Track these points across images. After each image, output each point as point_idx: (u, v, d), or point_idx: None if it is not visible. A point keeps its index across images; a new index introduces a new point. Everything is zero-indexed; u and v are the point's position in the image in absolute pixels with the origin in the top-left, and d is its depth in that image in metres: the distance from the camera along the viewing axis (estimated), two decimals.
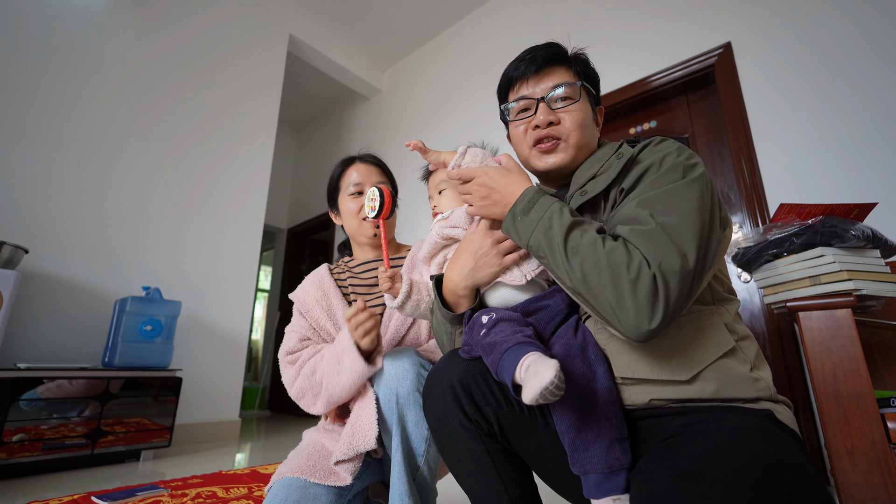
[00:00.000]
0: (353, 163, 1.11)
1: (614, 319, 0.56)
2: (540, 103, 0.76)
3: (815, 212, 1.00)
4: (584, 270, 0.57)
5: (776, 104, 1.89)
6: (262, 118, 3.13)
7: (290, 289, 4.53)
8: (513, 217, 0.66)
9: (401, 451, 0.79)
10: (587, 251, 0.57)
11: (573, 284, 0.59)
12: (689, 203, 0.58)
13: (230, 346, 2.72)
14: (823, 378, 0.90)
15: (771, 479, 0.45)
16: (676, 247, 0.55)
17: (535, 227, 0.63)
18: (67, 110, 2.28)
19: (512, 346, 0.60)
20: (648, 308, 0.53)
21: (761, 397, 0.60)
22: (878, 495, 0.80)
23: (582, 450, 0.59)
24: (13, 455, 1.65)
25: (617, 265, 0.55)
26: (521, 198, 0.67)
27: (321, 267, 1.11)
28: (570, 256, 0.59)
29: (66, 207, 2.21)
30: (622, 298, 0.54)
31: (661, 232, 0.56)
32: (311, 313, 1.02)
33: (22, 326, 1.99)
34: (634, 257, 0.55)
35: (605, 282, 0.55)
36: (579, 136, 0.75)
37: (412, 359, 0.83)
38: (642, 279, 0.53)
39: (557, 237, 0.60)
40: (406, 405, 0.80)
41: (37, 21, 2.25)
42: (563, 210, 0.63)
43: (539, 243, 0.62)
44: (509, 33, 3.06)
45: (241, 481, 1.63)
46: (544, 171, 0.78)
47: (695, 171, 0.62)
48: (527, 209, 0.65)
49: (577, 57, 0.80)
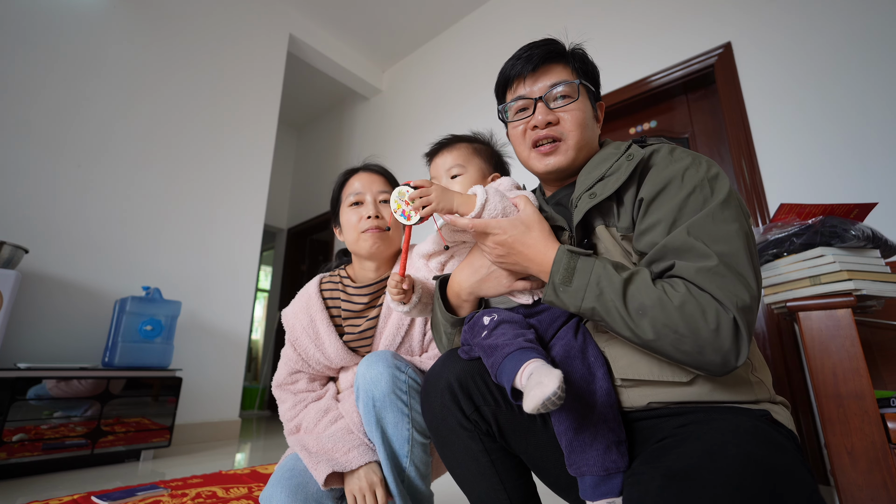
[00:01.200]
0: (354, 173, 1.05)
1: (696, 365, 0.54)
2: (538, 103, 0.74)
3: (815, 212, 1.00)
4: (657, 331, 0.54)
5: (776, 104, 1.89)
6: (262, 118, 3.13)
7: (290, 288, 4.53)
8: (554, 290, 0.61)
9: (385, 454, 0.81)
10: (656, 312, 0.54)
11: (643, 343, 0.56)
12: (733, 225, 0.57)
13: (230, 346, 2.72)
14: (823, 378, 0.89)
15: (760, 481, 0.45)
16: (741, 278, 0.54)
17: (584, 296, 0.59)
18: (67, 110, 2.28)
19: (514, 351, 0.60)
20: (734, 349, 0.52)
21: (760, 399, 0.60)
22: (878, 495, 0.80)
23: (579, 452, 0.59)
24: (13, 455, 1.65)
25: (693, 319, 0.53)
26: (555, 267, 0.61)
27: (312, 282, 1.05)
28: (636, 319, 0.55)
29: (66, 207, 2.21)
30: (704, 350, 0.52)
31: (725, 267, 0.54)
32: (299, 342, 0.99)
33: (22, 326, 1.99)
34: (708, 306, 0.53)
35: (684, 337, 0.53)
36: (579, 136, 0.73)
37: (387, 361, 0.82)
38: (723, 326, 0.52)
39: (615, 302, 0.56)
40: (383, 408, 0.80)
41: (36, 21, 2.25)
42: (606, 268, 0.59)
43: (594, 310, 0.58)
44: (509, 33, 3.05)
45: (241, 481, 1.62)
46: (544, 172, 0.77)
47: (722, 185, 0.61)
48: (567, 279, 0.60)
49: (574, 53, 0.78)
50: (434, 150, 0.88)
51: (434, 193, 0.67)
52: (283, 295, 4.59)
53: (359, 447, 0.85)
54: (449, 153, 0.85)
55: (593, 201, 0.66)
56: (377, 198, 1.00)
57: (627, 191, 0.66)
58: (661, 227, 0.60)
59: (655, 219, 0.61)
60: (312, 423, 0.94)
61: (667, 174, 0.62)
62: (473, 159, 0.85)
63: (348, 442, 0.86)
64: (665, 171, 0.63)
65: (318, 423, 0.94)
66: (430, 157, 0.89)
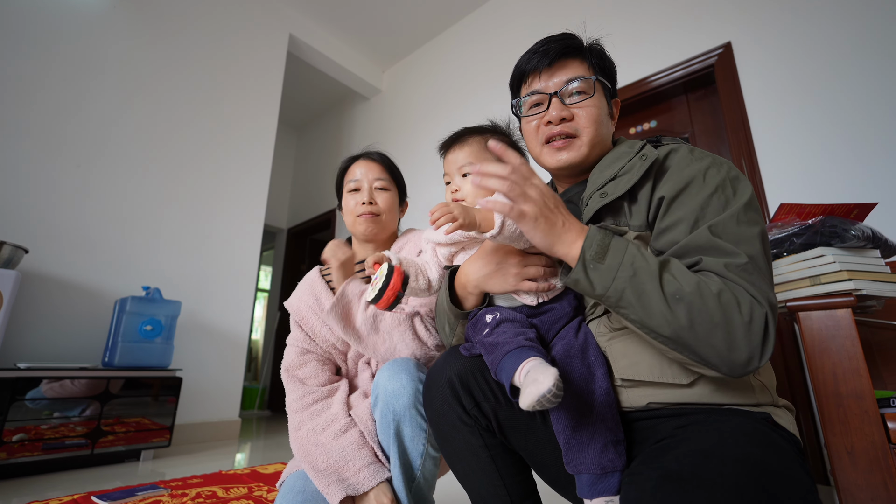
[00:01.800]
0: (356, 160, 1.11)
1: (719, 362, 0.52)
2: (553, 98, 0.73)
3: (815, 212, 1.00)
4: (693, 318, 0.51)
5: (776, 104, 1.89)
6: (262, 118, 3.13)
7: (291, 289, 4.52)
8: (584, 267, 0.56)
9: (398, 465, 0.81)
10: (693, 298, 0.51)
11: (673, 333, 0.52)
12: (755, 228, 0.57)
13: (230, 346, 2.72)
14: (823, 378, 0.89)
15: (757, 483, 0.45)
16: (767, 279, 0.54)
17: (616, 275, 0.54)
18: (67, 110, 2.28)
19: (514, 349, 0.60)
20: (761, 346, 0.51)
21: (762, 402, 0.60)
22: (878, 495, 0.80)
23: (576, 449, 0.59)
24: (13, 455, 1.65)
25: (730, 309, 0.51)
26: (587, 242, 0.56)
27: (312, 271, 1.10)
28: (672, 305, 0.52)
29: (66, 207, 2.21)
30: (735, 342, 0.51)
31: (754, 266, 0.54)
32: (306, 321, 1.02)
33: (22, 326, 1.99)
34: (742, 297, 0.52)
35: (718, 328, 0.51)
36: (593, 133, 0.72)
37: (410, 373, 0.82)
38: (756, 319, 0.51)
39: (650, 284, 0.53)
40: (402, 421, 0.81)
41: (37, 21, 2.25)
42: (641, 250, 0.56)
43: (622, 293, 0.54)
44: (509, 33, 3.06)
45: (241, 481, 1.62)
46: (556, 168, 0.76)
47: (745, 187, 0.60)
48: (600, 256, 0.55)
49: (592, 48, 0.77)
50: (447, 144, 0.86)
51: (457, 211, 0.63)
52: (283, 295, 4.59)
53: (369, 466, 0.84)
54: (461, 149, 0.82)
55: (604, 200, 0.66)
56: (373, 185, 1.07)
57: (642, 189, 0.65)
58: (682, 225, 0.59)
59: (677, 217, 0.60)
60: (320, 428, 0.91)
61: (688, 173, 0.62)
62: (487, 155, 0.82)
63: (358, 459, 0.85)
64: (686, 169, 0.62)
65: (325, 430, 0.90)
66: (443, 150, 0.87)
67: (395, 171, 1.12)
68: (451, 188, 0.83)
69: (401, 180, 1.14)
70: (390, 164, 1.12)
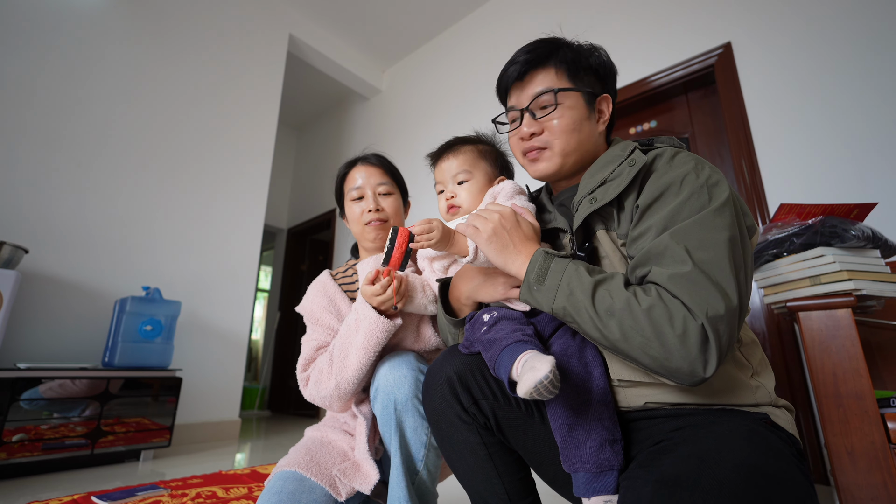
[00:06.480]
0: (354, 165, 1.08)
1: (665, 372, 0.53)
2: (524, 114, 0.75)
3: (815, 212, 1.00)
4: (624, 332, 0.54)
5: (776, 104, 1.89)
6: (262, 118, 3.13)
7: (291, 289, 4.53)
8: (528, 288, 0.62)
9: (399, 456, 0.80)
10: (623, 314, 0.54)
11: (611, 345, 0.56)
12: (723, 233, 0.55)
13: (230, 346, 2.72)
14: (823, 378, 0.89)
15: (753, 488, 0.45)
16: (718, 288, 0.52)
17: (556, 296, 0.59)
18: (67, 110, 2.28)
19: (511, 344, 0.60)
20: (701, 357, 0.51)
21: (760, 403, 0.60)
22: (878, 495, 0.80)
23: (573, 448, 0.60)
24: (13, 455, 1.65)
25: (659, 323, 0.52)
26: (530, 266, 0.62)
27: (322, 274, 1.07)
28: (604, 320, 0.55)
29: (66, 207, 2.21)
30: (671, 355, 0.52)
31: (701, 274, 0.53)
32: (322, 320, 0.99)
33: (22, 326, 1.99)
34: (676, 311, 0.52)
35: (650, 341, 0.52)
36: (563, 143, 0.72)
37: (411, 364, 0.83)
38: (689, 332, 0.51)
39: (584, 303, 0.56)
40: (404, 411, 0.80)
41: (37, 21, 2.25)
42: (578, 271, 0.59)
43: (565, 310, 0.59)
44: (509, 33, 3.05)
45: (241, 481, 1.62)
46: (536, 178, 0.78)
47: (720, 193, 0.59)
48: (540, 278, 0.61)
49: (565, 53, 0.74)
50: (439, 153, 0.88)
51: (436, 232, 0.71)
52: (282, 295, 4.59)
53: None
54: (455, 158, 0.85)
55: (593, 206, 0.66)
56: (376, 190, 1.04)
57: (628, 197, 0.65)
58: (651, 233, 0.59)
59: (647, 225, 0.60)
60: (353, 331, 0.89)
61: (665, 181, 0.61)
62: (479, 163, 0.86)
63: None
64: (663, 177, 0.62)
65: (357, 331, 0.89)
66: (434, 159, 0.89)
67: (395, 173, 1.11)
68: (444, 196, 0.86)
69: (402, 181, 1.12)
70: (390, 166, 1.10)
